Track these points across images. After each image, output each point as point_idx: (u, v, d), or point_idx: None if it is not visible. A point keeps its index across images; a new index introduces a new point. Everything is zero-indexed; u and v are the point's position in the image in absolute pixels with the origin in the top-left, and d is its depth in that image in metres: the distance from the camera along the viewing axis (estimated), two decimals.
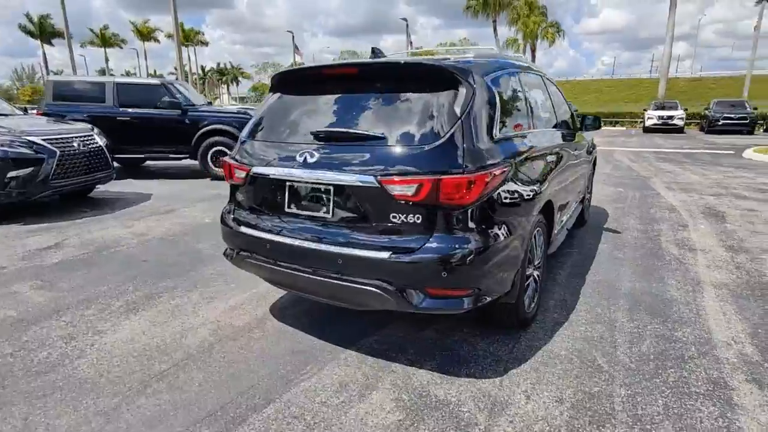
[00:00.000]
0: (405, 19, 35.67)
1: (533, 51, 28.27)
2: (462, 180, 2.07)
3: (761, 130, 23.56)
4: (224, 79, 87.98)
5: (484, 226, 2.20)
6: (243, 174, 2.68)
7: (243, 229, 2.71)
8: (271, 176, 2.54)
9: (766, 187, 8.03)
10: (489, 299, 2.30)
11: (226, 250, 2.98)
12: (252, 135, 2.80)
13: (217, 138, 8.58)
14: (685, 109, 25.39)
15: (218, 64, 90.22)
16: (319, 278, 2.38)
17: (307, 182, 2.40)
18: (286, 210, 2.52)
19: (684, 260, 4.24)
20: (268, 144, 2.66)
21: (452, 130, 2.16)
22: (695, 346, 2.73)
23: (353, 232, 2.30)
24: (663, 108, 24.51)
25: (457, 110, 2.20)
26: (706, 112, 23.81)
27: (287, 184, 2.48)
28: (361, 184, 2.20)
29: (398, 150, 2.20)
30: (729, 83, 55.95)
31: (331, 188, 2.32)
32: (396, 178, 2.12)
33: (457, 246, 2.13)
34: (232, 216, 2.84)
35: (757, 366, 2.52)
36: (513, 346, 2.75)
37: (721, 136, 20.78)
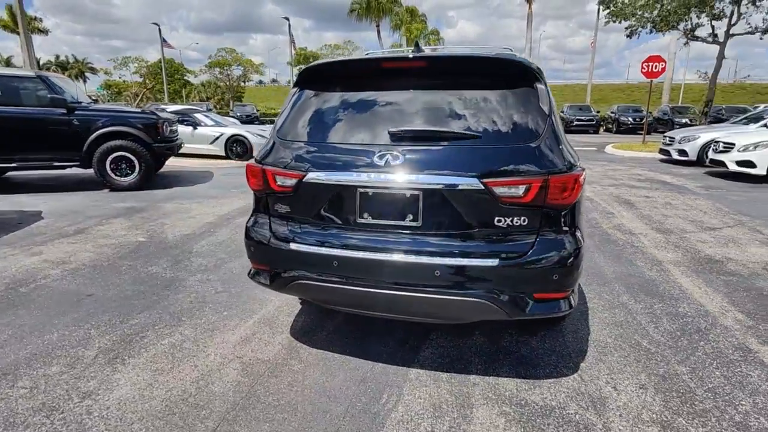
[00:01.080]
0: (287, 18, 34.72)
1: None
2: (568, 179, 2.03)
3: (602, 130, 28.07)
4: (67, 74, 75.88)
5: (576, 226, 2.18)
6: (292, 181, 2.28)
7: (294, 245, 2.30)
8: (339, 183, 2.19)
9: (642, 176, 9.57)
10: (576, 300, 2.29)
11: (256, 272, 2.51)
12: (292, 136, 2.40)
13: (117, 142, 7.29)
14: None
15: (57, 57, 77.42)
16: (406, 294, 2.13)
17: (388, 188, 2.12)
18: (358, 220, 2.20)
19: (634, 243, 4.81)
20: (323, 146, 2.30)
21: (547, 129, 2.10)
22: (702, 319, 3.09)
23: (451, 240, 2.10)
24: None
25: (545, 108, 2.15)
26: (561, 114, 27.67)
27: (359, 190, 2.17)
28: (462, 186, 2.02)
29: (498, 149, 2.07)
30: (568, 90, 65.70)
31: (420, 193, 2.08)
32: (504, 179, 1.99)
33: (564, 248, 2.08)
34: (269, 231, 2.40)
35: (756, 328, 2.94)
36: (562, 339, 2.81)
37: (575, 135, 24.20)
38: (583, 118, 25.95)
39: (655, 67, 15.07)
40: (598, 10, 31.02)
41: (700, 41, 15.57)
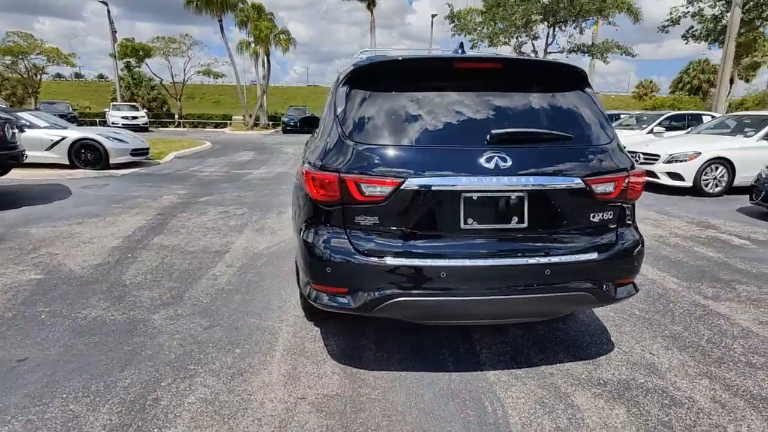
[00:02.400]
0: (105, 3, 29.66)
1: (267, 56, 28.57)
2: (640, 175, 2.27)
3: None
4: None
5: (635, 219, 2.45)
6: (385, 189, 2.03)
7: (391, 260, 2.06)
8: (443, 188, 2.04)
9: None
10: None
11: (329, 296, 2.17)
12: (372, 139, 2.13)
13: None
14: None
15: None
16: (515, 297, 2.10)
17: (495, 191, 2.06)
18: (463, 226, 2.08)
19: None
20: (418, 150, 2.11)
21: (613, 129, 2.32)
22: (655, 285, 3.76)
23: (556, 239, 2.14)
24: None
25: (602, 110, 2.36)
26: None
27: (463, 195, 2.05)
28: (567, 186, 2.09)
29: (588, 149, 2.19)
30: None
31: (526, 194, 2.08)
32: (601, 177, 2.13)
33: (636, 237, 2.32)
34: (350, 246, 2.10)
35: (692, 287, 3.71)
36: (580, 320, 3.11)
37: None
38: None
39: None
40: (431, 23, 34.24)
41: (525, 56, 18.58)
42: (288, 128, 26.98)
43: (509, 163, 2.06)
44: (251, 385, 2.33)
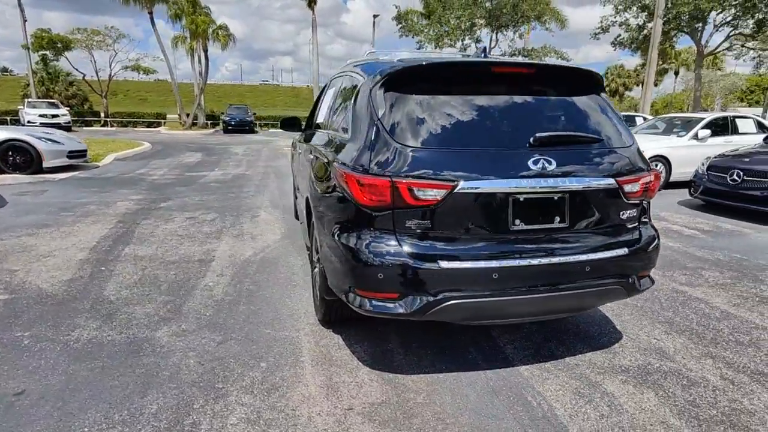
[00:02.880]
0: None
1: (205, 52, 27.11)
2: (657, 175, 2.44)
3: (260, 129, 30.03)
4: None
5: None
6: (438, 193, 2.03)
7: (445, 264, 2.05)
8: (494, 191, 2.07)
9: None
10: None
11: (377, 302, 2.12)
12: (419, 142, 2.12)
13: None
14: None
15: None
16: (559, 294, 2.19)
17: (541, 192, 2.13)
18: (511, 228, 2.12)
19: None
20: (467, 153, 2.12)
21: (629, 131, 2.47)
22: None
23: (593, 236, 2.25)
24: None
25: (618, 113, 2.52)
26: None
27: (511, 197, 2.10)
28: (603, 186, 2.20)
29: (616, 150, 2.32)
30: None
31: (567, 195, 2.17)
32: (629, 177, 2.26)
33: (654, 232, 2.49)
34: (402, 251, 2.07)
35: (667, 276, 4.05)
36: (595, 309, 3.28)
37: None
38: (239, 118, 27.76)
39: None
40: (374, 23, 34.40)
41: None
42: (229, 128, 25.90)
43: (554, 165, 2.14)
44: (292, 400, 2.23)
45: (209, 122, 30.16)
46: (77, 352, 2.59)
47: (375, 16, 33.42)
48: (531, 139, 2.17)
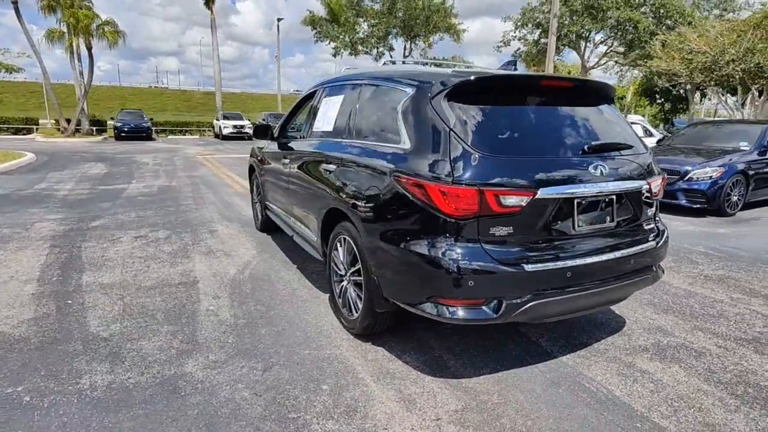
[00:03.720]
0: None
1: (89, 50, 23.92)
2: (664, 177, 2.81)
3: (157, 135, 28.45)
4: None
5: None
6: (522, 200, 2.13)
7: (530, 267, 2.15)
8: (566, 196, 2.23)
9: None
10: None
11: (464, 309, 2.15)
12: (496, 151, 2.19)
13: None
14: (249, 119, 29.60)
15: None
16: (613, 286, 2.42)
17: (598, 195, 2.33)
18: (575, 230, 2.30)
19: None
20: (538, 161, 2.24)
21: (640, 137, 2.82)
22: None
23: (632, 233, 2.52)
24: (233, 119, 27.63)
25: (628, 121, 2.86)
26: (263, 122, 28.85)
27: (576, 201, 2.27)
28: (638, 187, 2.48)
29: (641, 155, 2.61)
30: (235, 98, 68.33)
31: (614, 197, 2.40)
32: (654, 179, 2.58)
33: (664, 227, 2.85)
34: (488, 257, 2.13)
35: None
36: None
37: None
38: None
39: None
40: (278, 27, 33.60)
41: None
42: (122, 135, 23.36)
43: (607, 170, 2.37)
44: (377, 420, 2.16)
45: (94, 128, 26.86)
46: (102, 402, 2.22)
47: (279, 20, 32.63)
48: (585, 147, 2.38)
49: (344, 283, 3.02)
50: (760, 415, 2.25)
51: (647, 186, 2.58)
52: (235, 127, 26.53)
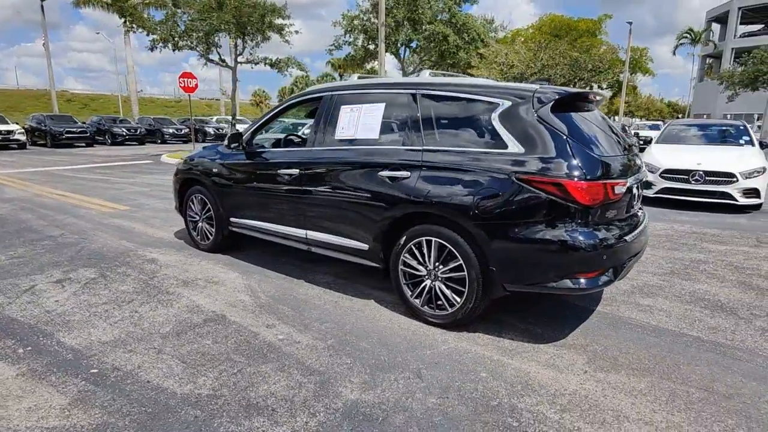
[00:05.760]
0: None
1: None
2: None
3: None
4: None
5: None
6: (623, 189, 2.79)
7: (629, 237, 2.88)
8: (633, 184, 2.95)
9: None
10: None
11: (598, 278, 2.70)
12: (599, 152, 2.78)
13: None
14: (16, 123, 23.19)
15: None
16: (644, 251, 3.30)
17: (638, 182, 3.14)
18: (633, 208, 3.07)
19: None
20: (612, 158, 2.88)
21: None
22: None
23: (642, 208, 3.44)
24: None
25: None
26: (40, 126, 23.11)
27: (634, 187, 3.03)
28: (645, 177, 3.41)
29: (636, 153, 3.55)
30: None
31: (640, 183, 3.27)
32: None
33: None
34: (610, 235, 2.77)
35: None
36: None
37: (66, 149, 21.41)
38: (73, 130, 22.99)
39: (190, 83, 16.41)
40: (42, 7, 27.24)
41: (216, 64, 18.17)
42: None
43: (637, 163, 3.22)
44: (547, 386, 2.52)
45: None
46: None
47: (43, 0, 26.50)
48: (625, 145, 3.19)
49: (427, 282, 3.19)
50: None
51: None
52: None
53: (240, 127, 16.93)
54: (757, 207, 7.57)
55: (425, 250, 3.16)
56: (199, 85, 16.54)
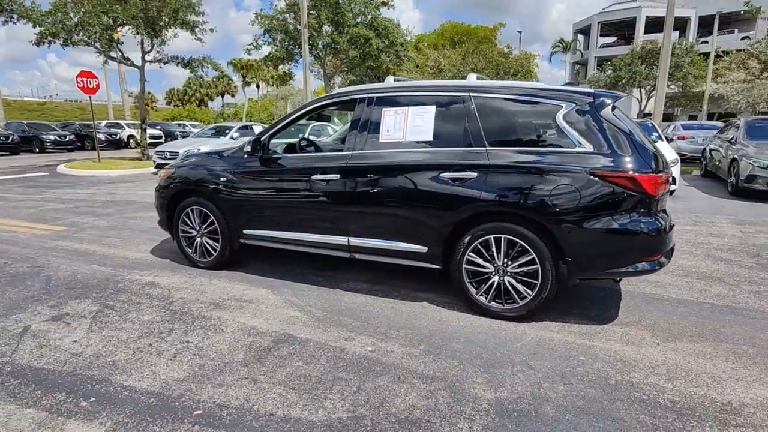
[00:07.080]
0: None
1: None
2: None
3: None
4: None
5: None
6: (668, 178, 3.14)
7: (672, 223, 3.22)
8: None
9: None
10: None
11: (659, 262, 3.03)
12: (649, 145, 3.14)
13: None
14: None
15: None
16: None
17: None
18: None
19: None
20: (658, 152, 3.21)
21: None
22: None
23: None
24: None
25: None
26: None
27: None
28: None
29: None
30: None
31: None
32: None
33: None
34: (665, 223, 3.09)
35: None
36: None
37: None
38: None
39: (90, 83, 14.51)
40: None
41: (119, 62, 16.09)
42: None
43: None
44: (639, 363, 2.80)
45: None
46: None
47: None
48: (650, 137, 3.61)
49: (494, 278, 3.31)
50: None
51: None
52: None
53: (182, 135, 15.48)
54: (672, 192, 8.99)
55: (493, 248, 3.27)
56: (100, 86, 14.69)
